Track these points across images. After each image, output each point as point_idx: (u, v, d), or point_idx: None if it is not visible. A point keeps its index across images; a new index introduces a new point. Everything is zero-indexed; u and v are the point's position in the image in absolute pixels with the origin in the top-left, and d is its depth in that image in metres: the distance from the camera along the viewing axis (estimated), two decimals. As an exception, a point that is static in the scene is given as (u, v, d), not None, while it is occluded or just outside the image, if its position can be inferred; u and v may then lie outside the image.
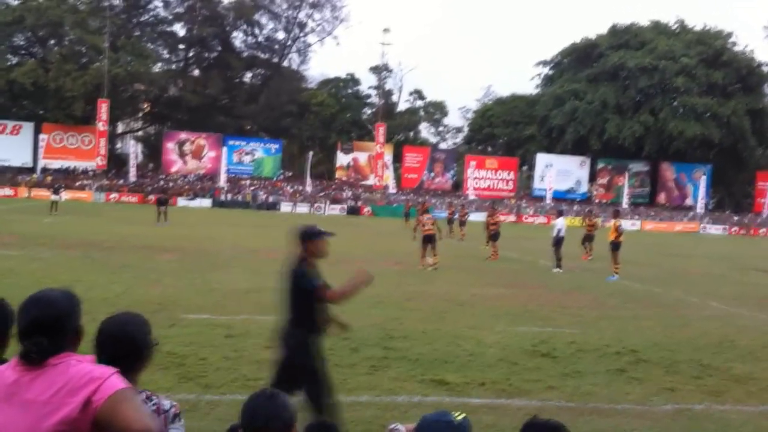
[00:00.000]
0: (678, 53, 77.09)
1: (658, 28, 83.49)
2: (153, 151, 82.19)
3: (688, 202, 79.46)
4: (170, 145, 74.37)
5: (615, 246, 21.98)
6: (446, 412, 2.88)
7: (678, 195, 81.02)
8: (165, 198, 39.00)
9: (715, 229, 70.05)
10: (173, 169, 73.84)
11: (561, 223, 23.90)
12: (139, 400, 2.50)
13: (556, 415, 6.95)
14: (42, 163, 67.77)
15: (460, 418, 2.85)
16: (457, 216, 39.16)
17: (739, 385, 9.10)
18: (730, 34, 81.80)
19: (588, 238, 28.38)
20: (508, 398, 8.01)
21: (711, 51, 78.22)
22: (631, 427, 7.22)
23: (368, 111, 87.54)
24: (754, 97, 79.52)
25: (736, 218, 75.61)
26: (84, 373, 2.44)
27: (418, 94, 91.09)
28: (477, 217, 52.67)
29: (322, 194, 70.64)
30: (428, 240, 21.21)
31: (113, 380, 2.45)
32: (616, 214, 24.61)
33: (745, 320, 14.67)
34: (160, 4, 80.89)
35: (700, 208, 76.12)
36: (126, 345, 2.90)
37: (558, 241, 23.06)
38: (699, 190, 76.95)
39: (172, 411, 2.95)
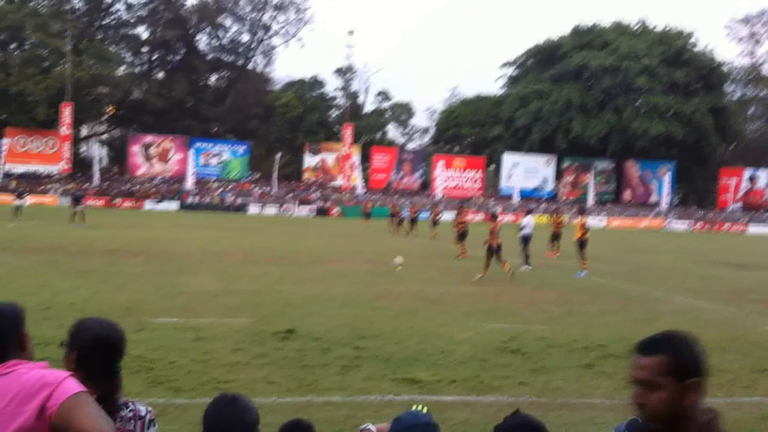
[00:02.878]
0: (640, 53, 77.99)
1: (620, 28, 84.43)
2: (118, 155, 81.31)
3: (653, 198, 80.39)
4: (135, 148, 73.59)
5: (581, 243, 22.28)
6: (418, 412, 2.87)
7: (643, 192, 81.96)
8: (80, 195, 37.34)
9: (680, 225, 71.01)
10: (139, 172, 73.11)
11: (529, 221, 24.11)
12: (95, 404, 2.45)
13: (527, 410, 6.98)
14: (5, 167, 66.76)
15: (425, 411, 2.86)
16: (430, 216, 39.43)
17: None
18: (690, 34, 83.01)
19: (555, 236, 28.67)
20: (479, 395, 8.04)
21: (672, 51, 79.28)
22: (602, 420, 7.28)
23: (335, 112, 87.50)
24: (715, 95, 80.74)
25: (700, 214, 76.71)
26: (36, 379, 2.39)
27: (384, 95, 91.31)
28: (445, 216, 52.78)
29: (290, 195, 70.42)
30: (495, 250, 20.00)
31: (67, 384, 2.39)
32: (581, 212, 24.85)
33: (710, 313, 14.89)
34: (123, 7, 79.93)
35: (664, 204, 77.07)
36: (119, 349, 2.87)
37: (526, 239, 23.26)
38: (663, 187, 77.89)
39: (148, 417, 2.91)
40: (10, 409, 2.34)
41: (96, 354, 2.78)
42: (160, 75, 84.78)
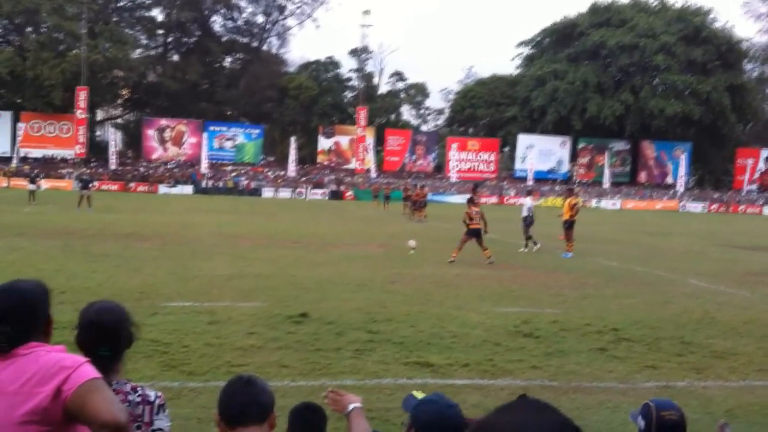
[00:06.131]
0: (658, 31, 77.29)
1: (638, 5, 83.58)
2: (133, 139, 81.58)
3: (669, 180, 79.87)
4: (150, 132, 73.84)
5: (569, 224, 22.14)
6: (442, 395, 2.83)
7: (658, 173, 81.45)
8: (88, 180, 37.37)
9: (696, 207, 70.55)
10: (154, 156, 73.38)
11: (529, 203, 24.01)
12: (110, 390, 2.49)
13: (540, 394, 7.00)
14: (21, 152, 67.11)
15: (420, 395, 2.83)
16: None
17: (720, 361, 9.19)
18: (709, 11, 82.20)
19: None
20: (492, 378, 8.05)
21: (691, 28, 78.47)
22: (614, 404, 7.28)
23: (349, 94, 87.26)
24: (733, 73, 79.88)
25: (716, 195, 76.18)
26: (54, 362, 2.43)
27: (399, 76, 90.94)
28: (460, 199, 52.81)
29: (304, 179, 70.48)
30: (474, 234, 19.30)
31: (84, 369, 2.43)
32: (570, 193, 24.61)
33: (725, 296, 14.81)
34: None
35: (680, 185, 76.56)
36: (109, 333, 2.90)
37: (527, 221, 23.18)
38: (679, 168, 77.37)
39: (157, 402, 2.95)
40: (26, 389, 2.39)
41: (87, 337, 2.89)
42: (175, 57, 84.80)
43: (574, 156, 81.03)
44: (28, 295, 2.61)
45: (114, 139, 73.08)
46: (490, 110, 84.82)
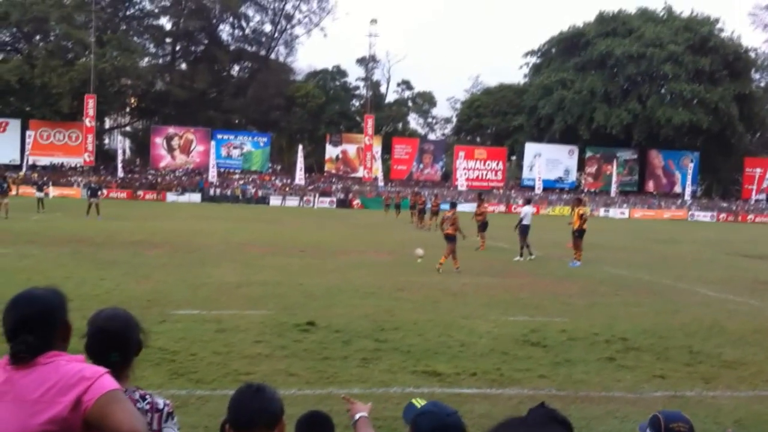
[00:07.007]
0: (665, 40, 77.22)
1: (645, 15, 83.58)
2: (141, 147, 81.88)
3: (677, 189, 79.69)
4: (158, 140, 74.07)
5: (579, 233, 22.10)
6: (438, 403, 2.81)
7: (666, 182, 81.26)
8: (97, 188, 37.14)
9: (704, 216, 70.35)
10: (162, 164, 73.56)
11: (527, 212, 23.96)
12: (129, 402, 2.50)
13: (548, 403, 6.92)
14: (30, 159, 67.37)
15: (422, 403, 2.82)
16: (429, 206, 39.41)
17: (729, 371, 9.14)
18: (716, 20, 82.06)
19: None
20: (500, 388, 8.01)
21: (698, 37, 78.39)
22: (623, 414, 7.24)
23: (356, 103, 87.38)
24: (741, 82, 79.71)
25: (724, 205, 75.94)
26: (74, 372, 2.44)
27: (406, 84, 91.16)
28: (467, 207, 52.69)
29: (311, 187, 70.54)
30: (446, 239, 19.51)
31: (104, 381, 2.44)
32: (579, 202, 24.56)
33: (734, 305, 14.75)
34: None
35: (688, 195, 76.39)
36: (118, 340, 2.91)
37: (525, 229, 23.13)
38: (687, 177, 77.20)
39: (165, 410, 2.95)
40: (47, 398, 2.40)
41: (95, 344, 2.88)
42: (183, 66, 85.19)
43: (581, 165, 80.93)
44: (47, 303, 2.61)
45: (122, 147, 73.32)
46: (496, 119, 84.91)
